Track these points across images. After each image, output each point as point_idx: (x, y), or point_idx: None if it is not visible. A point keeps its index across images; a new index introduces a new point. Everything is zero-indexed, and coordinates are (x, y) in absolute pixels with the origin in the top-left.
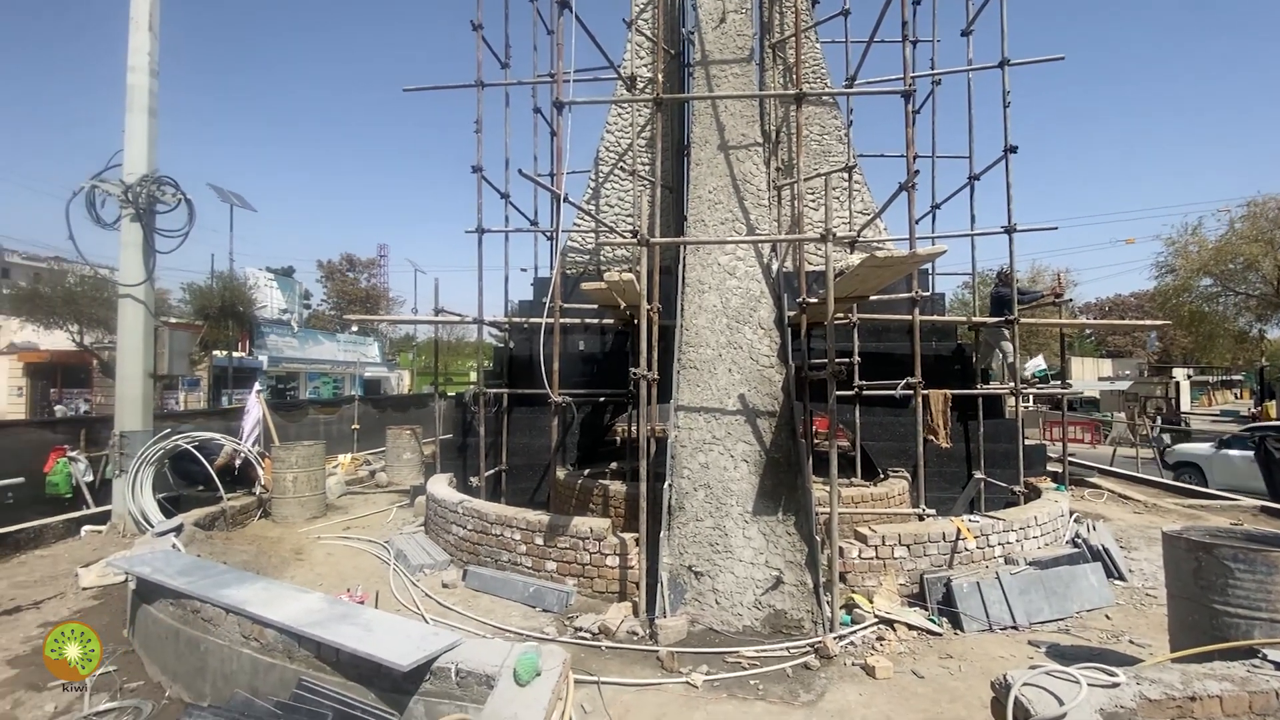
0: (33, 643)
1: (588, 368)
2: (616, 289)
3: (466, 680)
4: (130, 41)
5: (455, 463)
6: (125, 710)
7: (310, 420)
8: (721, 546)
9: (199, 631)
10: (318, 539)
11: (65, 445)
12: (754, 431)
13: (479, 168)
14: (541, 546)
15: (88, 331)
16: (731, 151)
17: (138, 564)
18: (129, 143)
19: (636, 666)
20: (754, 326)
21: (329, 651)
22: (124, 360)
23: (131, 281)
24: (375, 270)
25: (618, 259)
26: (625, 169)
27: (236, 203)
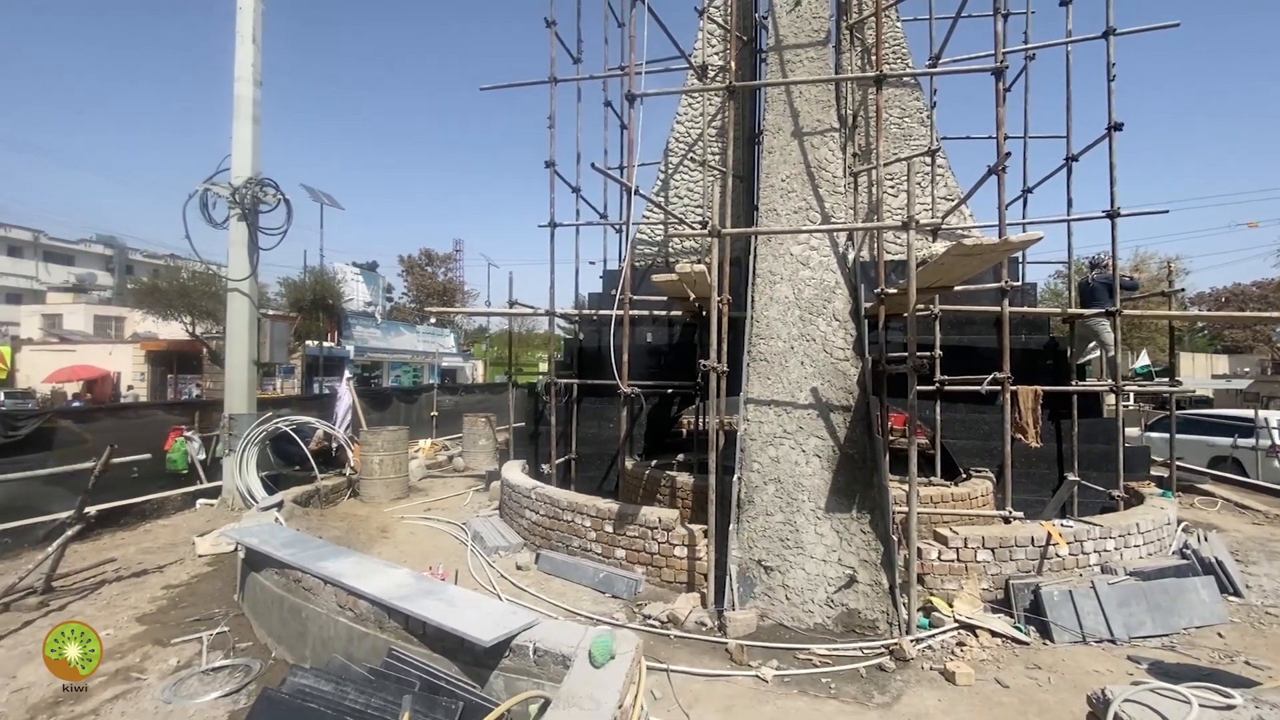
0: (158, 603)
1: (655, 359)
2: (687, 280)
3: (543, 659)
4: (236, 54)
5: (527, 450)
6: (237, 668)
7: (393, 407)
8: (792, 542)
9: (300, 599)
10: (401, 519)
11: (182, 425)
12: (827, 426)
13: (551, 162)
14: (611, 534)
15: (198, 322)
16: (806, 138)
17: (247, 535)
18: (235, 148)
19: (705, 657)
20: (828, 318)
21: (416, 624)
22: (232, 349)
23: (238, 276)
24: (451, 265)
25: (686, 251)
26: (695, 159)
27: (326, 202)
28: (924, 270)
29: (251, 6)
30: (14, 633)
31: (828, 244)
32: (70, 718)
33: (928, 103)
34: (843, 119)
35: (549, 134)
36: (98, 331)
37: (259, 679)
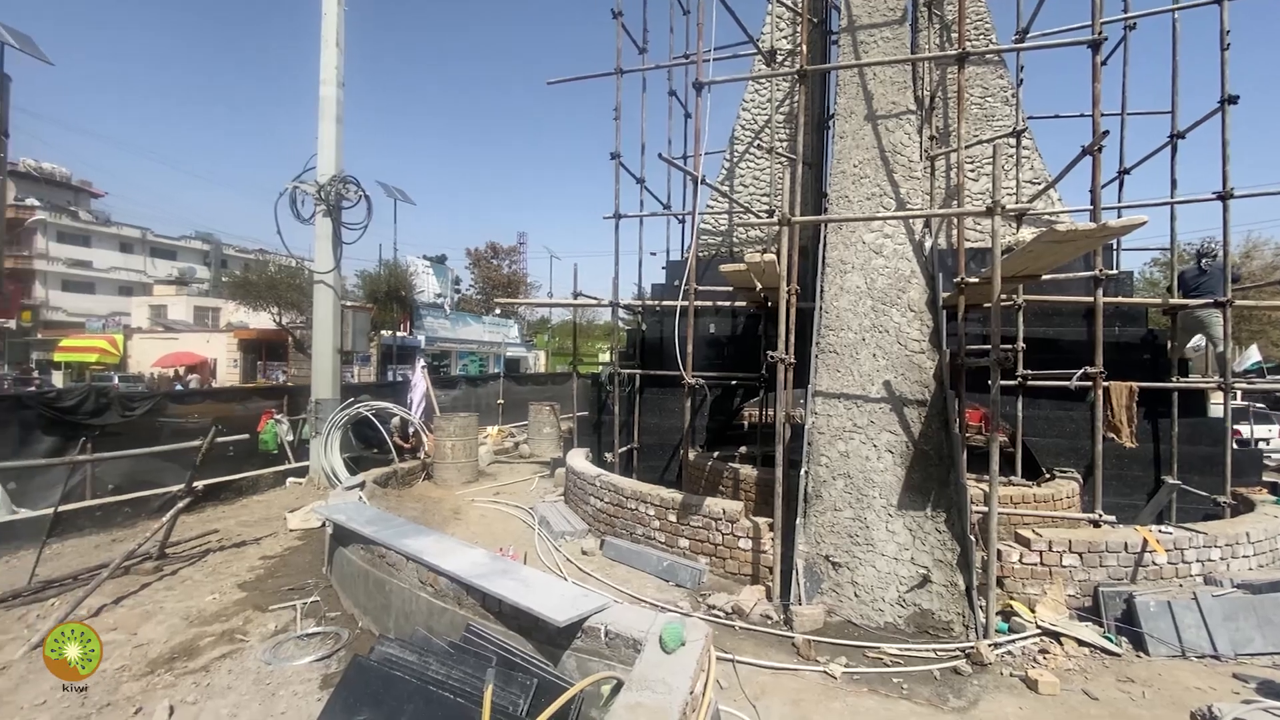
0: (256, 571)
1: (718, 351)
2: (755, 270)
3: (615, 642)
4: (321, 57)
5: (590, 438)
6: (328, 635)
7: (462, 394)
8: (862, 539)
9: (384, 574)
10: (472, 501)
11: (273, 409)
12: (900, 421)
13: (617, 154)
14: (674, 524)
15: (284, 313)
16: (880, 121)
17: (335, 512)
18: (320, 147)
19: (771, 650)
20: (902, 309)
21: (492, 601)
22: (318, 337)
23: (323, 269)
24: (516, 257)
25: (752, 240)
26: (762, 147)
27: (399, 197)
28: (1010, 258)
29: (335, 12)
30: (134, 594)
31: (903, 231)
32: (185, 673)
33: (1013, 80)
34: (919, 101)
35: (614, 126)
36: (197, 321)
37: (348, 646)
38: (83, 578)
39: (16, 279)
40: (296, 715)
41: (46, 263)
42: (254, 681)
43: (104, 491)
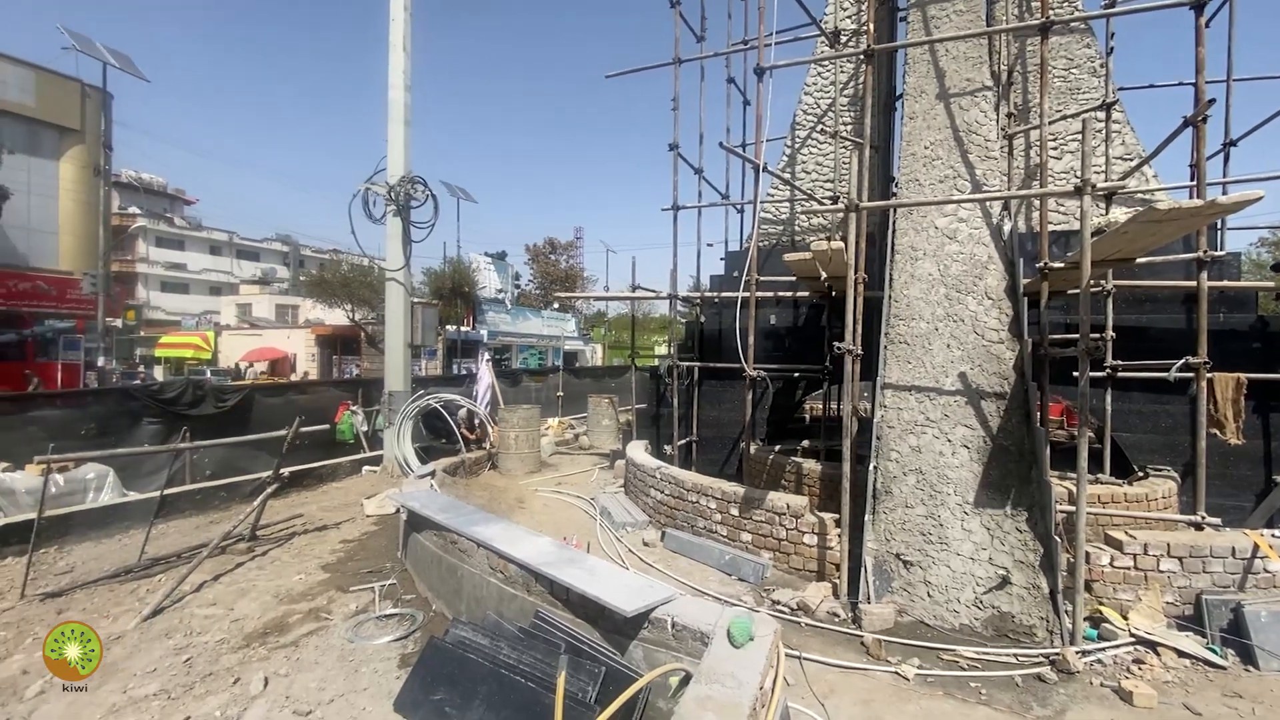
0: (337, 554)
1: (779, 342)
2: (821, 258)
3: (681, 634)
4: (390, 62)
5: (649, 431)
6: (404, 616)
7: (523, 387)
8: (935, 537)
9: (456, 560)
10: (535, 491)
11: (348, 400)
12: (977, 414)
13: (675, 145)
14: (737, 517)
15: (357, 309)
16: (953, 100)
17: (409, 500)
18: (390, 149)
19: (838, 648)
20: (979, 296)
21: (560, 589)
22: (390, 332)
23: (394, 267)
24: (573, 252)
25: (814, 228)
26: (826, 131)
27: (461, 196)
28: (1100, 240)
29: (402, 18)
30: (229, 572)
31: (979, 215)
32: (276, 647)
33: (1101, 49)
34: (996, 76)
35: (672, 116)
36: (278, 318)
37: (423, 628)
38: (185, 556)
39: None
40: (377, 691)
41: (147, 266)
42: (338, 658)
43: (201, 477)
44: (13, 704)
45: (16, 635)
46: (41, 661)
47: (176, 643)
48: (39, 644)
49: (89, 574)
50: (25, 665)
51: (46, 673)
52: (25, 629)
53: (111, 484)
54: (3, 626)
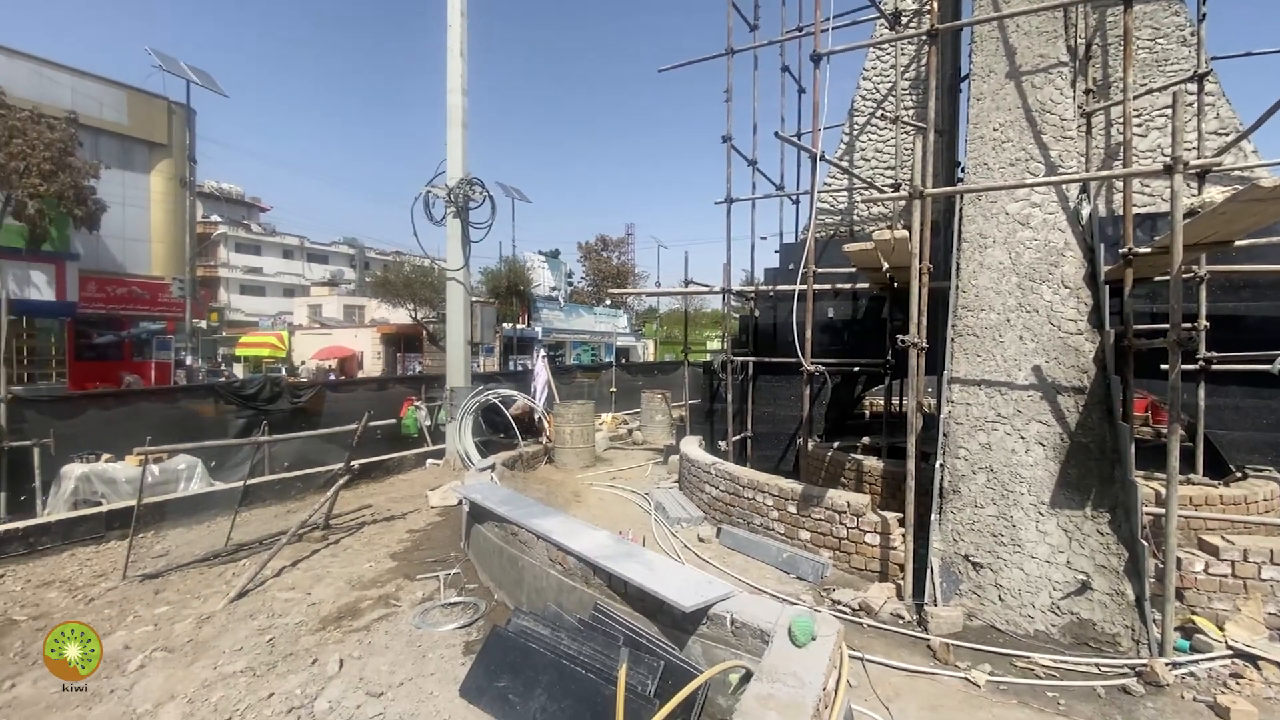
0: (404, 543)
1: (837, 336)
2: (883, 248)
3: (740, 631)
4: (448, 67)
5: (703, 427)
6: (468, 605)
7: (577, 383)
8: (1007, 538)
9: (516, 551)
10: (590, 485)
11: (412, 396)
12: (1053, 410)
13: (728, 136)
14: (795, 515)
15: (419, 308)
16: (1024, 78)
17: (471, 492)
18: (449, 152)
19: (903, 651)
20: (1054, 285)
21: (618, 582)
22: (451, 330)
23: (454, 267)
24: (624, 248)
25: (874, 217)
26: (886, 116)
27: (516, 196)
28: (1194, 223)
29: (459, 25)
30: (306, 559)
31: (1054, 199)
32: (350, 630)
33: (1192, 16)
34: (1072, 50)
35: (725, 108)
36: (346, 318)
37: (486, 617)
38: (266, 542)
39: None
40: (444, 676)
41: (227, 270)
42: (407, 643)
43: (279, 468)
44: (116, 676)
45: (119, 613)
46: (142, 637)
47: (260, 624)
48: (139, 621)
49: (181, 557)
50: (127, 641)
51: (147, 647)
52: (127, 607)
53: (200, 474)
54: (107, 604)
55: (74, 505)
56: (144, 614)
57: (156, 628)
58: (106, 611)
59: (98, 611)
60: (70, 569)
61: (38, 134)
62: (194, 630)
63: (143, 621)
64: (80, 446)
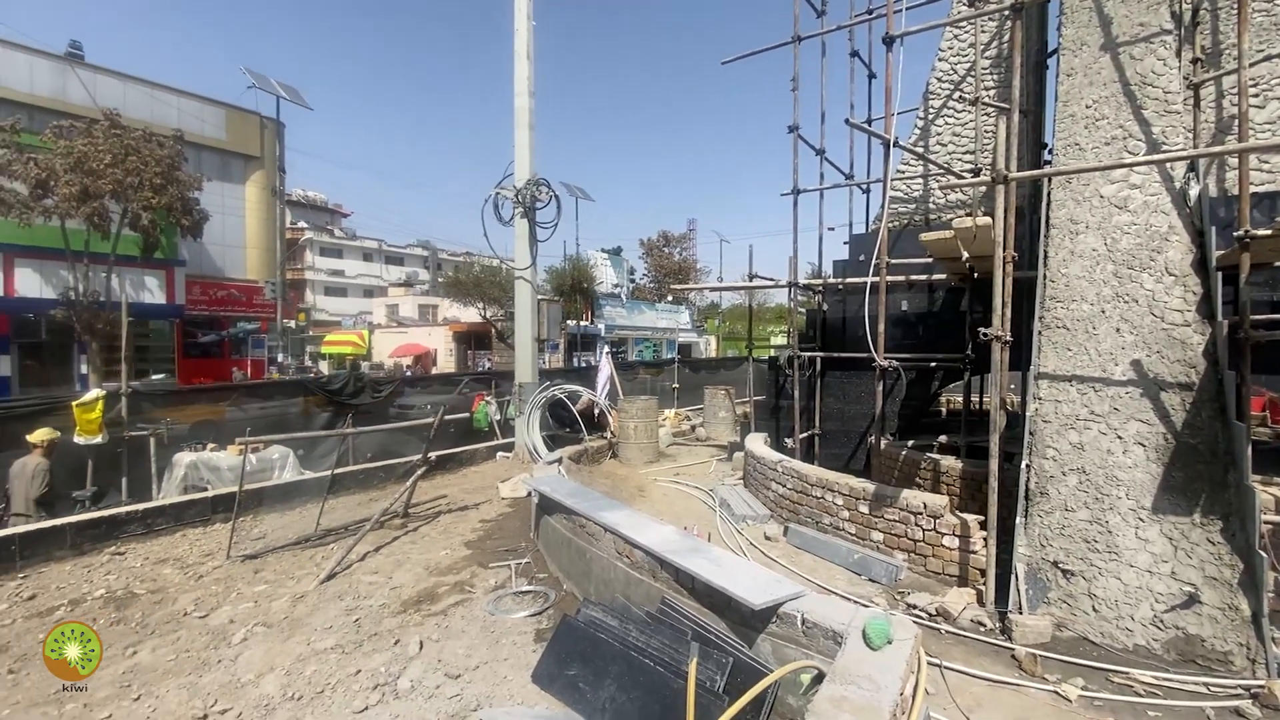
0: (477, 532)
1: (911, 330)
2: (963, 237)
3: (812, 631)
4: (515, 70)
5: (768, 423)
6: (538, 594)
7: (639, 379)
8: (1103, 545)
9: (584, 543)
10: (654, 480)
11: (483, 391)
12: (1155, 408)
13: (795, 126)
14: (866, 515)
15: (488, 307)
16: (1121, 49)
17: (540, 484)
18: (517, 153)
19: (984, 659)
20: (1157, 273)
21: (685, 578)
22: (519, 327)
23: (522, 266)
24: (686, 244)
25: (951, 205)
26: (964, 98)
27: (579, 195)
28: None
29: (525, 28)
30: (387, 545)
31: (1156, 179)
32: (429, 614)
33: None
34: (1177, 17)
35: (791, 97)
36: (421, 317)
37: (555, 606)
38: (351, 529)
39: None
40: (516, 662)
41: (313, 273)
42: (481, 628)
43: (362, 459)
44: (223, 648)
45: (224, 590)
46: (244, 613)
47: (347, 604)
48: (241, 598)
49: (276, 540)
50: (231, 616)
51: (249, 622)
52: (230, 585)
53: (292, 463)
54: (214, 581)
55: (184, 490)
56: (245, 591)
57: (256, 604)
58: (213, 588)
59: (205, 588)
60: (182, 548)
61: (149, 151)
62: (289, 608)
63: (244, 598)
64: (188, 436)
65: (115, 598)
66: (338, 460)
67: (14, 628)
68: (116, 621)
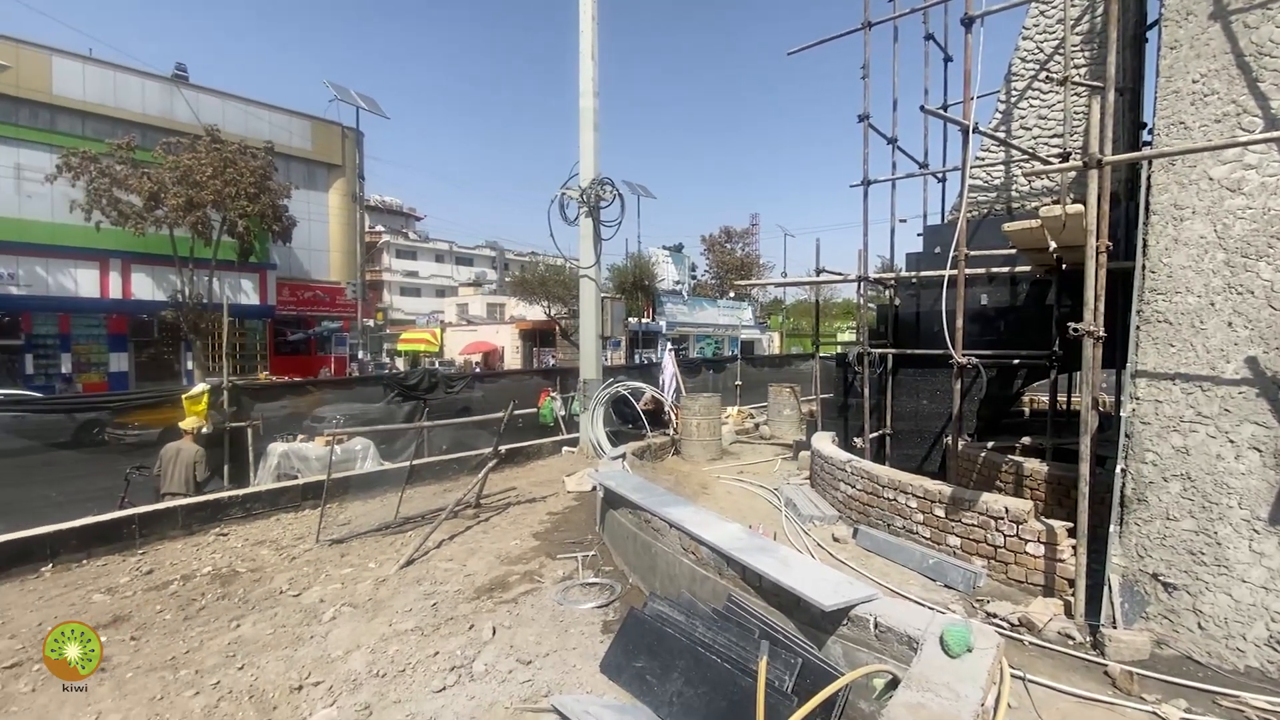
0: (544, 524)
1: (991, 325)
2: (1051, 226)
3: (886, 635)
4: (580, 71)
5: (836, 422)
6: (604, 586)
7: (701, 375)
8: (1210, 558)
9: (650, 538)
10: (718, 478)
11: (548, 387)
12: (1274, 410)
13: (865, 115)
14: (942, 519)
15: (552, 305)
16: (1233, 17)
17: (605, 479)
18: (581, 153)
19: (1073, 675)
20: (1276, 261)
21: (752, 576)
22: (584, 325)
23: (587, 265)
24: (749, 239)
25: (1036, 192)
26: (1051, 78)
27: (641, 193)
28: None
29: (590, 29)
30: (461, 534)
31: (1275, 158)
32: (501, 602)
33: None
34: None
35: (862, 85)
36: (489, 316)
37: (621, 599)
38: (427, 517)
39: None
40: (585, 652)
41: (389, 274)
42: (550, 617)
43: (436, 451)
44: (314, 624)
45: (314, 571)
46: (332, 593)
47: (425, 589)
48: (330, 580)
49: (360, 527)
50: (321, 595)
51: (336, 602)
52: (320, 567)
53: (373, 455)
54: (305, 563)
55: (277, 478)
56: (333, 573)
57: (343, 586)
58: (305, 569)
59: (298, 569)
60: (276, 531)
61: (244, 163)
62: (372, 590)
63: (332, 580)
64: (280, 428)
65: (220, 575)
66: (415, 452)
67: (135, 599)
68: (222, 597)
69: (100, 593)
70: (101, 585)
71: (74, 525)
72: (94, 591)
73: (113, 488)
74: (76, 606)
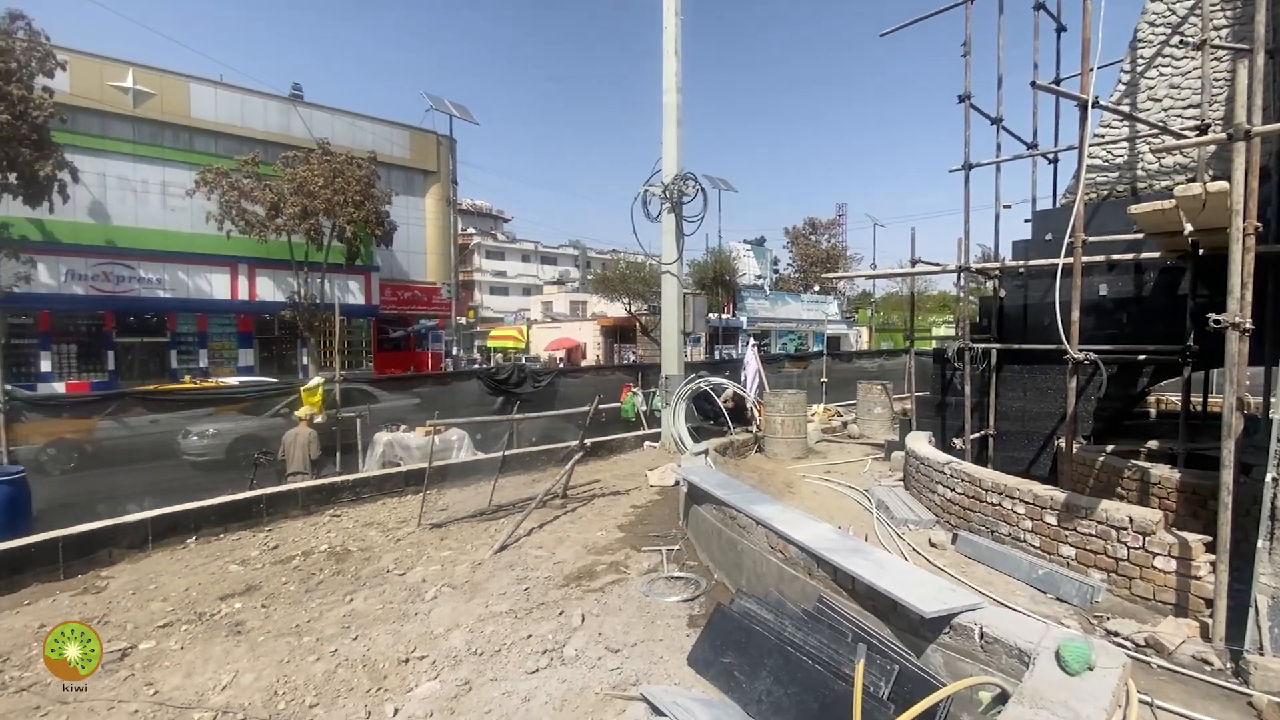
0: (628, 517)
1: (1110, 318)
2: (1187, 206)
3: (993, 646)
4: (664, 66)
5: (933, 421)
6: (689, 581)
7: (785, 372)
8: None
9: (735, 534)
10: (803, 477)
11: (630, 383)
12: None
13: (967, 95)
14: (1054, 527)
15: (632, 302)
16: None
17: (689, 474)
18: (664, 149)
19: (1209, 703)
20: None
21: (845, 578)
22: (666, 321)
23: (669, 260)
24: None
25: (1165, 170)
26: (1187, 42)
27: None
28: None
29: (673, 24)
30: (549, 523)
31: None
32: (588, 590)
33: None
34: None
35: (963, 64)
36: (572, 313)
37: (706, 594)
38: (518, 506)
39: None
40: (671, 644)
41: (480, 274)
42: (637, 608)
43: (525, 443)
44: (418, 603)
45: (417, 553)
46: (433, 574)
47: (517, 574)
48: (431, 561)
49: (457, 513)
50: (423, 576)
51: (437, 582)
52: (422, 549)
53: (468, 445)
54: (409, 545)
55: (383, 465)
56: (434, 556)
57: (443, 568)
58: (408, 550)
59: (402, 550)
60: (382, 515)
61: (351, 173)
62: (470, 573)
63: (433, 562)
64: (385, 418)
65: (335, 552)
66: (506, 443)
67: (263, 571)
68: (337, 573)
69: (235, 564)
70: (236, 557)
71: (214, 503)
72: (230, 563)
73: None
74: (215, 575)
